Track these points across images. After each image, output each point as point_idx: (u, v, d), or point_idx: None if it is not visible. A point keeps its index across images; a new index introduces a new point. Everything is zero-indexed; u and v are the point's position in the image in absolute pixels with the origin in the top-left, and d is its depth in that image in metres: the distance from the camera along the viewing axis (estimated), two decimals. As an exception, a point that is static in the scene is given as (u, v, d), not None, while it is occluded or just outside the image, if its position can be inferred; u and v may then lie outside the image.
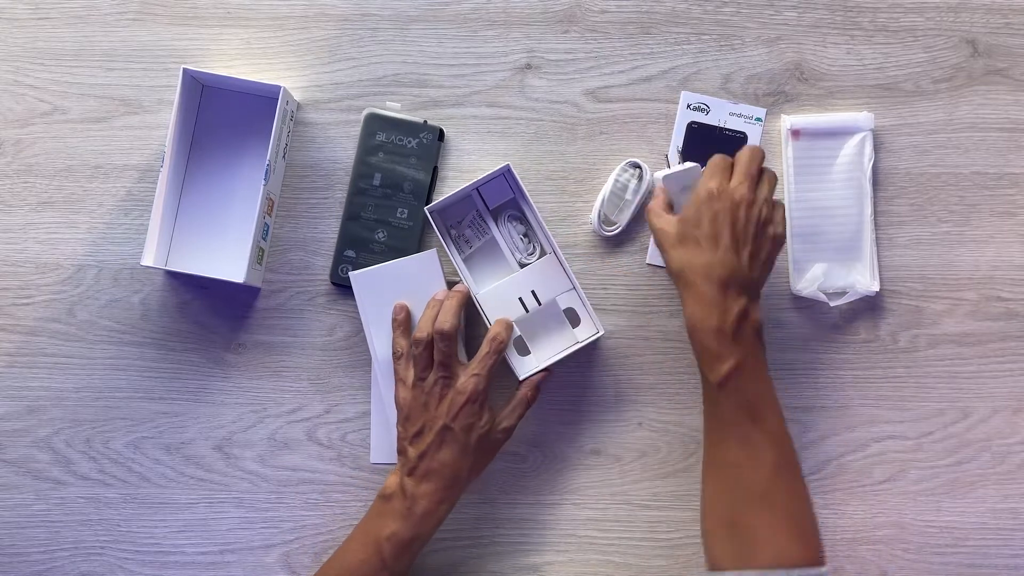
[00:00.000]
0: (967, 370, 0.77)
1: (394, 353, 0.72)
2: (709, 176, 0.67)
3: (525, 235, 0.75)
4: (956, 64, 0.78)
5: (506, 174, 0.74)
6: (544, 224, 0.73)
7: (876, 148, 0.77)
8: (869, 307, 0.77)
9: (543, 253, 0.75)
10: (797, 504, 0.64)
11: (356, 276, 0.73)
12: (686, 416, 0.76)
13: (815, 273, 0.76)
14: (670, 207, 0.70)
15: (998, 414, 0.77)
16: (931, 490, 0.77)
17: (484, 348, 0.70)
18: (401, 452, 0.70)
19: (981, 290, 0.78)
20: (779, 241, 0.67)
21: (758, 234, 0.65)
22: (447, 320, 0.69)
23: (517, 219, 0.75)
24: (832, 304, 0.76)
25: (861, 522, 0.77)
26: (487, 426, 0.69)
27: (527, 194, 0.73)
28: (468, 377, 0.69)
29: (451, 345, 0.70)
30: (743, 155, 0.67)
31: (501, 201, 0.75)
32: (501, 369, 0.72)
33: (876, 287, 0.76)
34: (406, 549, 0.68)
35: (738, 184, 0.66)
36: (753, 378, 0.65)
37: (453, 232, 0.75)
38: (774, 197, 0.68)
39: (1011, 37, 0.78)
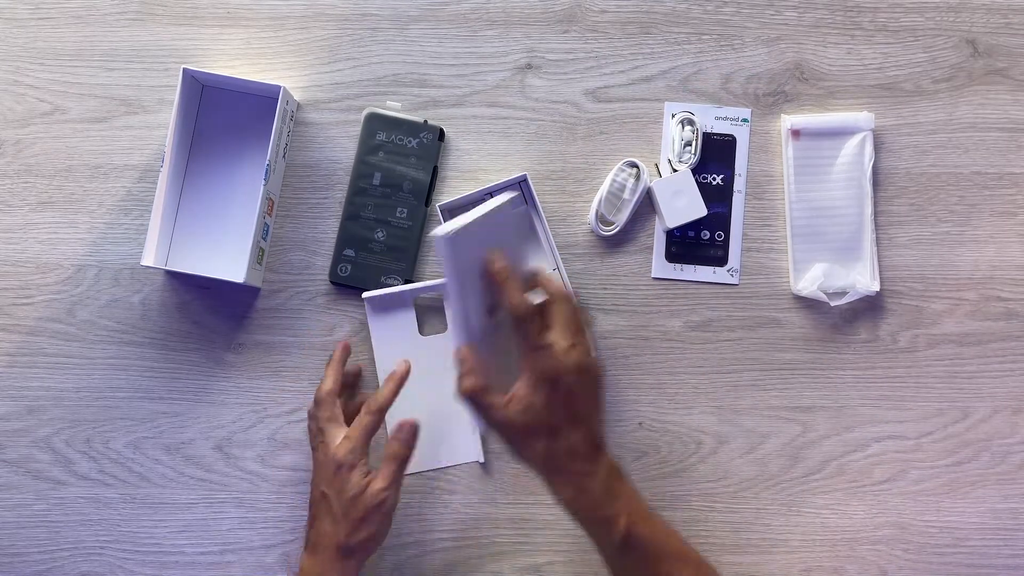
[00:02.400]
0: (967, 370, 0.77)
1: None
2: (540, 353, 0.60)
3: None
4: (956, 64, 0.78)
5: (522, 184, 0.74)
6: (553, 241, 0.74)
7: (876, 148, 0.77)
8: (869, 307, 0.77)
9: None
10: None
11: (447, 239, 0.58)
12: (686, 416, 0.76)
13: (815, 273, 0.76)
14: (484, 381, 0.61)
15: (998, 414, 0.77)
16: (931, 490, 0.77)
17: (362, 413, 0.68)
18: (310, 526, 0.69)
19: (981, 290, 0.78)
20: (604, 382, 0.64)
21: (598, 385, 0.63)
22: (320, 387, 0.70)
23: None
24: (833, 304, 0.76)
25: (861, 522, 0.77)
26: (356, 489, 0.66)
27: (540, 206, 0.74)
28: (339, 441, 0.67)
29: (324, 409, 0.69)
30: (561, 311, 0.62)
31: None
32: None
33: (876, 287, 0.76)
34: None
35: (571, 347, 0.61)
36: (644, 521, 0.62)
37: None
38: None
39: (1011, 37, 0.78)
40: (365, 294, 0.73)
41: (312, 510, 0.68)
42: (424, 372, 0.71)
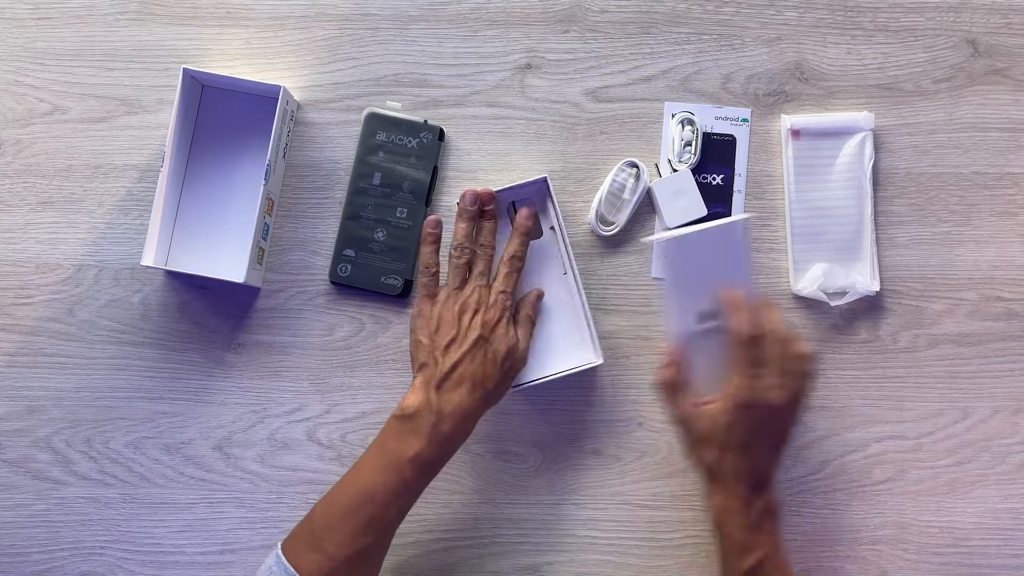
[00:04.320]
0: (967, 370, 0.77)
1: (425, 267, 0.71)
2: (748, 382, 0.64)
3: None
4: (956, 64, 0.78)
5: (542, 184, 0.74)
6: (568, 243, 0.74)
7: (876, 148, 0.77)
8: (869, 307, 0.77)
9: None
10: None
11: (666, 243, 0.67)
12: (686, 416, 0.76)
13: (815, 273, 0.76)
14: (682, 376, 0.67)
15: (998, 414, 0.77)
16: (931, 490, 0.77)
17: (503, 268, 0.71)
18: (426, 364, 0.68)
19: (981, 290, 0.78)
20: (792, 426, 0.67)
21: (785, 434, 0.66)
22: (490, 238, 0.72)
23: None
24: (833, 304, 0.76)
25: (861, 522, 0.77)
26: (514, 341, 0.69)
27: (559, 209, 0.74)
28: (496, 294, 0.70)
29: (492, 260, 0.71)
30: (775, 350, 0.65)
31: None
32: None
33: (876, 287, 0.76)
34: (429, 470, 0.66)
35: (771, 388, 0.64)
36: (779, 567, 0.65)
37: None
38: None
39: (1011, 37, 0.78)
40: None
41: (459, 347, 0.68)
42: (521, 279, 0.73)
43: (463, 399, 0.66)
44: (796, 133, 0.77)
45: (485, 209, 0.72)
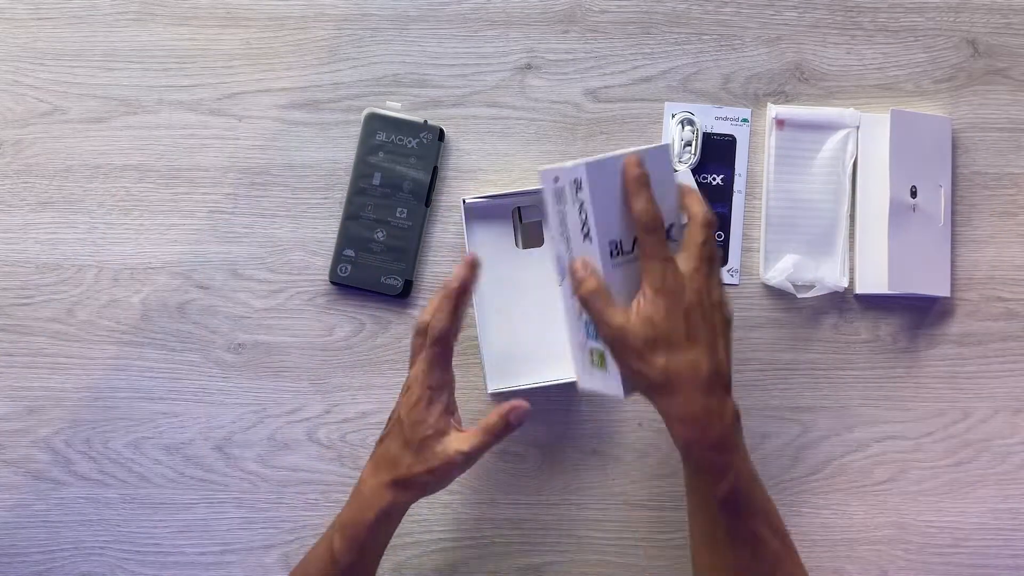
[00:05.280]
0: (967, 370, 0.77)
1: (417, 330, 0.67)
2: (664, 267, 0.58)
3: None
4: (956, 64, 0.78)
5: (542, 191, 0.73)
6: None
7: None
8: (869, 307, 0.77)
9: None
10: None
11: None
12: (686, 416, 0.76)
13: (785, 264, 0.76)
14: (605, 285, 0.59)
15: (998, 414, 0.77)
16: (931, 490, 0.77)
17: (427, 347, 0.64)
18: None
19: (981, 290, 0.78)
20: (731, 322, 0.61)
21: (725, 323, 0.60)
22: (431, 317, 0.65)
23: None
24: (800, 296, 0.76)
25: (861, 522, 0.77)
26: (431, 431, 0.63)
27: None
28: (416, 374, 0.64)
29: (416, 336, 0.66)
30: (694, 234, 0.60)
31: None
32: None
33: (845, 283, 0.76)
34: (351, 537, 0.63)
35: (694, 271, 0.59)
36: (752, 480, 0.61)
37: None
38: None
39: (1011, 37, 0.78)
40: (467, 199, 0.67)
41: (387, 425, 0.66)
42: (522, 287, 0.71)
43: (376, 472, 0.64)
44: (780, 123, 0.77)
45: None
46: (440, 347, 0.64)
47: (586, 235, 0.59)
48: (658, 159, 0.60)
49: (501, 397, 0.72)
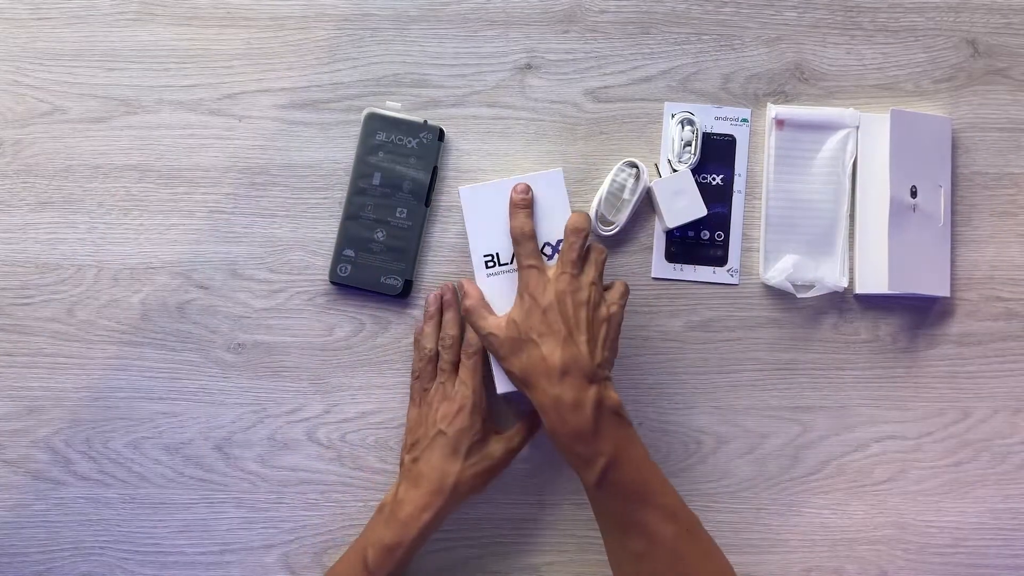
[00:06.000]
0: (967, 370, 0.77)
1: (412, 371, 0.73)
2: (528, 273, 0.65)
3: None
4: (956, 64, 0.78)
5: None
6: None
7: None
8: (869, 307, 0.77)
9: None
10: (711, 564, 0.63)
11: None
12: (686, 416, 0.76)
13: (784, 264, 0.76)
14: (482, 300, 0.67)
15: (998, 414, 0.77)
16: (931, 490, 0.77)
17: (464, 359, 0.71)
18: (400, 464, 0.72)
19: (981, 290, 0.78)
20: (615, 321, 0.65)
21: (592, 319, 0.64)
22: (450, 331, 0.72)
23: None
24: (800, 296, 0.76)
25: (861, 522, 0.77)
26: (479, 436, 0.70)
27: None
28: (459, 385, 0.70)
29: (454, 352, 0.72)
30: (564, 242, 0.65)
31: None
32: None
33: (845, 283, 0.76)
34: (388, 555, 0.67)
35: (558, 276, 0.64)
36: (630, 466, 0.62)
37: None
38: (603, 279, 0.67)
39: (1011, 37, 0.78)
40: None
41: (420, 445, 0.70)
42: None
43: (418, 493, 0.68)
44: (780, 123, 0.77)
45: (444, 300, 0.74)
46: (479, 356, 0.71)
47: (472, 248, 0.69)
48: (551, 182, 0.68)
49: (510, 396, 0.72)
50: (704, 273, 0.77)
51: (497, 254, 0.68)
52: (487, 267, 0.68)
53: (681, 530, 0.62)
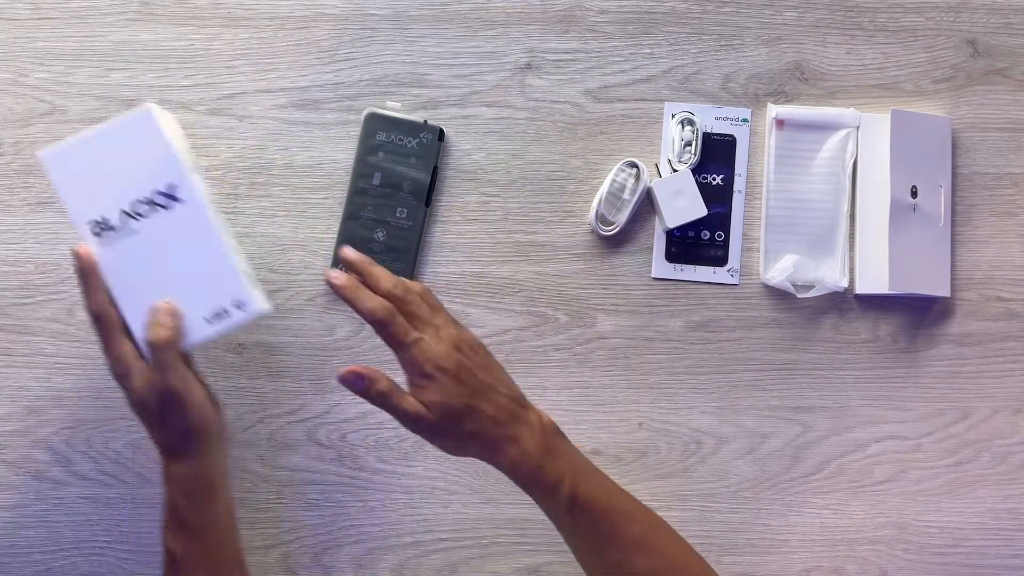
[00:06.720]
0: (967, 370, 0.77)
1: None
2: (416, 348, 0.59)
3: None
4: (956, 64, 0.78)
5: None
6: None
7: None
8: (869, 307, 0.77)
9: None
10: (680, 547, 0.64)
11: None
12: (686, 416, 0.76)
13: (785, 264, 0.76)
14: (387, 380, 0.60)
15: (998, 414, 0.77)
16: (931, 490, 0.77)
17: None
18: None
19: (981, 290, 0.78)
20: (477, 340, 0.63)
21: (484, 351, 0.63)
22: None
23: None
24: (800, 296, 0.76)
25: (861, 522, 0.77)
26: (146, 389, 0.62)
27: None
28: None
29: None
30: (400, 305, 0.61)
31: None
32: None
33: (845, 283, 0.76)
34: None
35: (436, 338, 0.60)
36: (588, 477, 0.62)
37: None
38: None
39: (1011, 37, 0.78)
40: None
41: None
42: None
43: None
44: (780, 123, 0.77)
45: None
46: (99, 323, 0.63)
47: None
48: (141, 129, 0.61)
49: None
50: (704, 273, 0.77)
51: (105, 219, 0.61)
52: (98, 235, 0.61)
53: (647, 529, 0.64)
